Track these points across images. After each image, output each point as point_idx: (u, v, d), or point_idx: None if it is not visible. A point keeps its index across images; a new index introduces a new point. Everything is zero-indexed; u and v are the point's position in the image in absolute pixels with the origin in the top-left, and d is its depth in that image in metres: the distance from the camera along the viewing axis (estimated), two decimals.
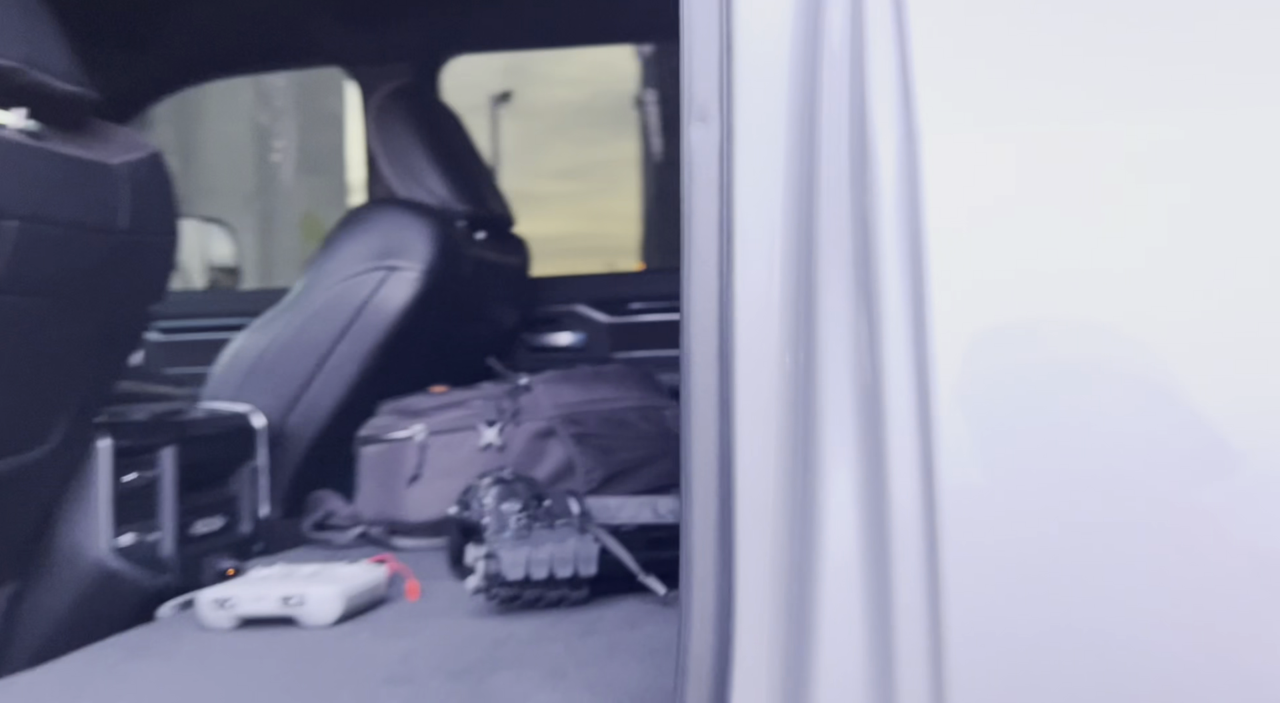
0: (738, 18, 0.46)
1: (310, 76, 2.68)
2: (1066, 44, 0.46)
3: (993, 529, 0.44)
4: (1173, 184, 0.46)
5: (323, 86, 4.45)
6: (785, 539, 0.45)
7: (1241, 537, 0.44)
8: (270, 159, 5.19)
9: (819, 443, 0.44)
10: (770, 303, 0.45)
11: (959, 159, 0.46)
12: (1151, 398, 0.45)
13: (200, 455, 1.43)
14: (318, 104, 4.54)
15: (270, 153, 5.17)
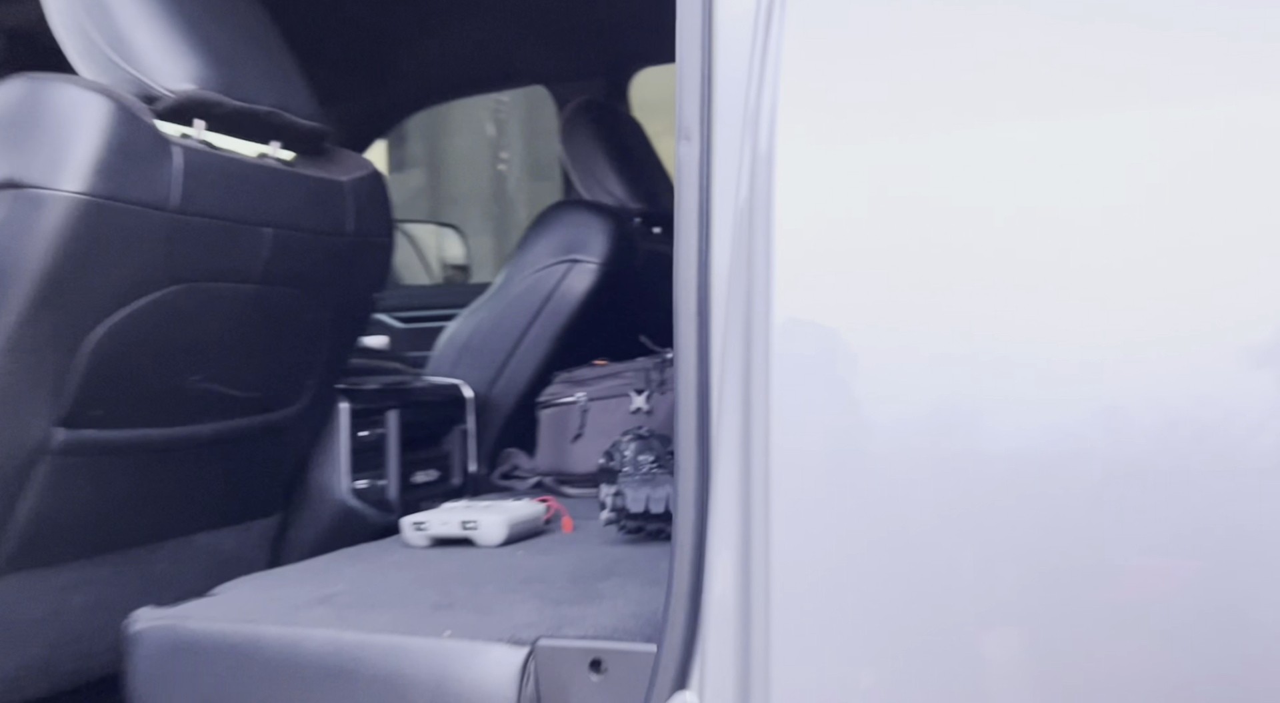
0: (716, 60, 0.62)
1: (531, 93, 2.98)
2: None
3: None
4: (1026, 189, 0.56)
5: (544, 101, 4.82)
6: (739, 493, 0.60)
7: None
8: (497, 168, 5.69)
9: (738, 399, 0.59)
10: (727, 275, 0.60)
11: (804, 172, 0.59)
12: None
13: (419, 419, 1.73)
14: (539, 117, 4.94)
15: (497, 163, 5.68)
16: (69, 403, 1.11)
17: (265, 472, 1.49)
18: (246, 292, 1.24)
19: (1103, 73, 0.56)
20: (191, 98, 1.13)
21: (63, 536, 1.20)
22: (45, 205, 1.01)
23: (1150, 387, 0.54)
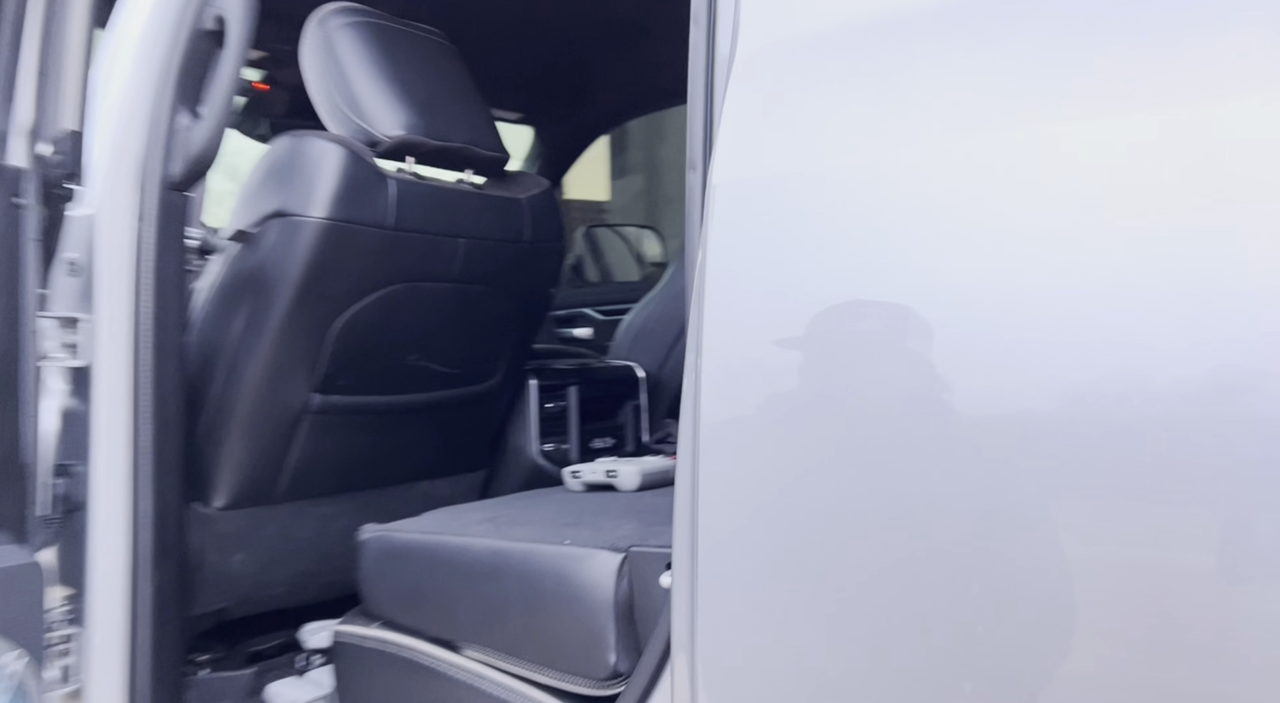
0: (715, 102, 0.83)
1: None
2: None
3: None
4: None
5: None
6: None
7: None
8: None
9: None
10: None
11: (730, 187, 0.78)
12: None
13: (597, 395, 2.03)
14: None
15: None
16: (320, 375, 1.49)
17: (471, 434, 1.84)
18: (447, 289, 1.58)
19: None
20: (403, 141, 1.47)
21: (320, 477, 1.59)
22: (301, 228, 1.38)
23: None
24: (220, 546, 1.51)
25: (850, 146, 0.74)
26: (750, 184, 0.79)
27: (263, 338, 1.42)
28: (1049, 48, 0.68)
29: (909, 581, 0.68)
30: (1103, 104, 0.64)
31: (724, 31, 0.83)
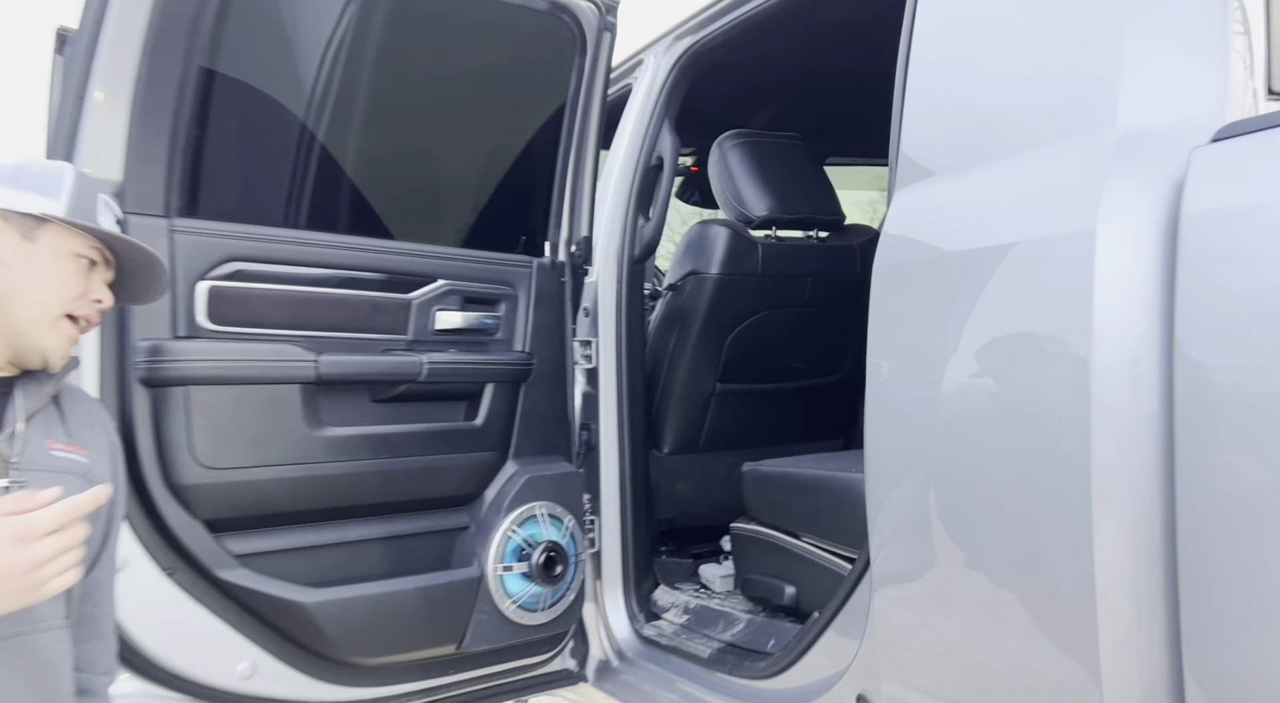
0: None
1: None
2: None
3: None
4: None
5: None
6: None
7: None
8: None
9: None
10: None
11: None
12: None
13: None
14: None
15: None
16: (721, 370, 2.36)
17: (828, 412, 2.60)
18: (799, 312, 2.37)
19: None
20: (767, 217, 2.28)
21: (725, 436, 2.46)
22: (705, 281, 2.26)
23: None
24: (668, 477, 2.44)
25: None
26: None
27: (686, 348, 2.33)
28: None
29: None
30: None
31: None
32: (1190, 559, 0.99)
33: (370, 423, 1.83)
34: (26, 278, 1.16)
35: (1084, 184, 1.11)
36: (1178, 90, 1.10)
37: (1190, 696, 0.98)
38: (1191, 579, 0.98)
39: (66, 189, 1.19)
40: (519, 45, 2.10)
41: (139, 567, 1.57)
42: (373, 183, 1.97)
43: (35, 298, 1.17)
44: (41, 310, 1.17)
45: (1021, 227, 1.19)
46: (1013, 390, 1.18)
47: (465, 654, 1.91)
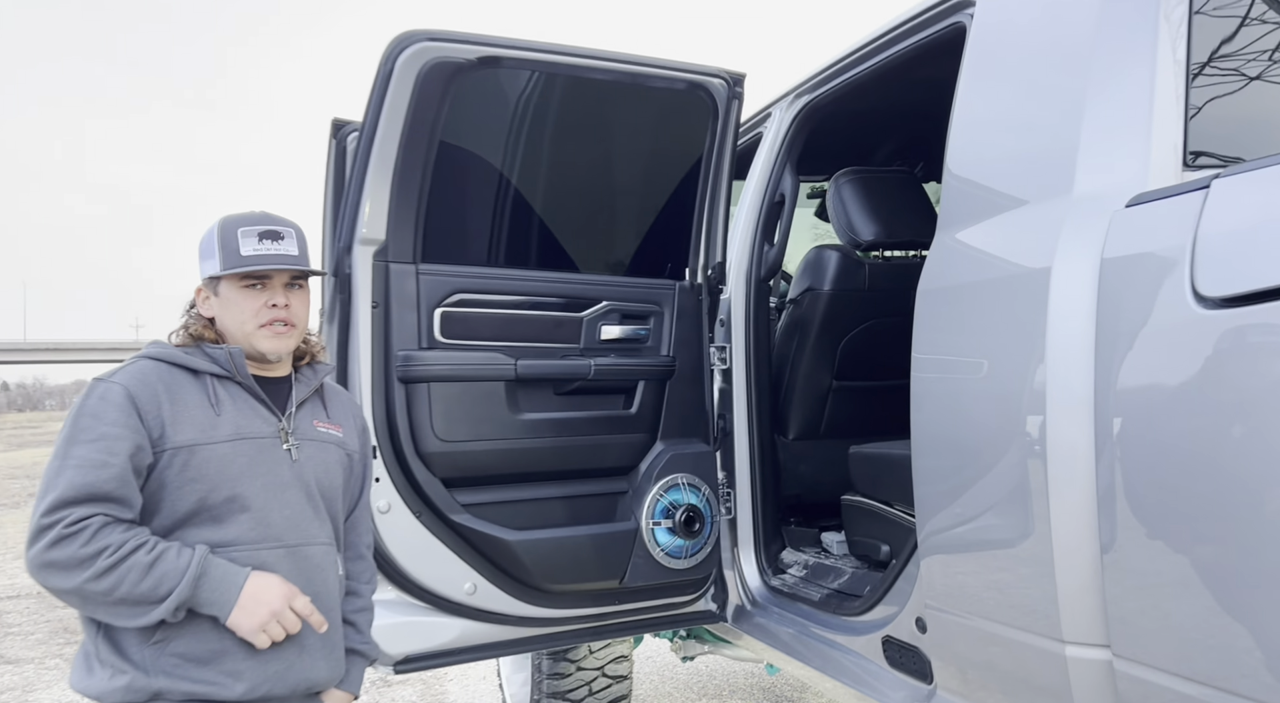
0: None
1: None
2: None
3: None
4: None
5: None
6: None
7: None
8: None
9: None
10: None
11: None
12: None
13: None
14: None
15: None
16: (836, 369, 2.83)
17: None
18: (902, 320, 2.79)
19: None
20: (873, 241, 2.73)
21: (842, 425, 2.92)
22: (820, 296, 2.74)
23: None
24: (792, 459, 2.94)
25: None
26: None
27: (805, 352, 2.82)
28: None
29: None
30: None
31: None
32: (1104, 480, 1.40)
33: (554, 410, 2.45)
34: (228, 316, 1.68)
35: (1049, 235, 1.55)
36: (1114, 165, 1.52)
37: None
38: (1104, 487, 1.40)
39: (217, 248, 1.66)
40: (666, 113, 2.66)
41: (398, 511, 2.25)
42: (555, 228, 2.59)
43: (236, 326, 1.67)
44: (243, 329, 1.67)
45: (1008, 264, 1.64)
46: (999, 379, 1.62)
47: (626, 589, 2.49)
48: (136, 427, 1.55)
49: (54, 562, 1.48)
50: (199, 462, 1.59)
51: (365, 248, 2.23)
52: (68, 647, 5.65)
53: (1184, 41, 1.51)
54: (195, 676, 1.55)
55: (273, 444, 1.67)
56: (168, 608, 1.50)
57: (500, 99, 2.46)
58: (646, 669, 4.79)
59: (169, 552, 1.52)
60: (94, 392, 1.58)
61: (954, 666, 1.82)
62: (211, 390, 1.64)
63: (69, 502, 1.49)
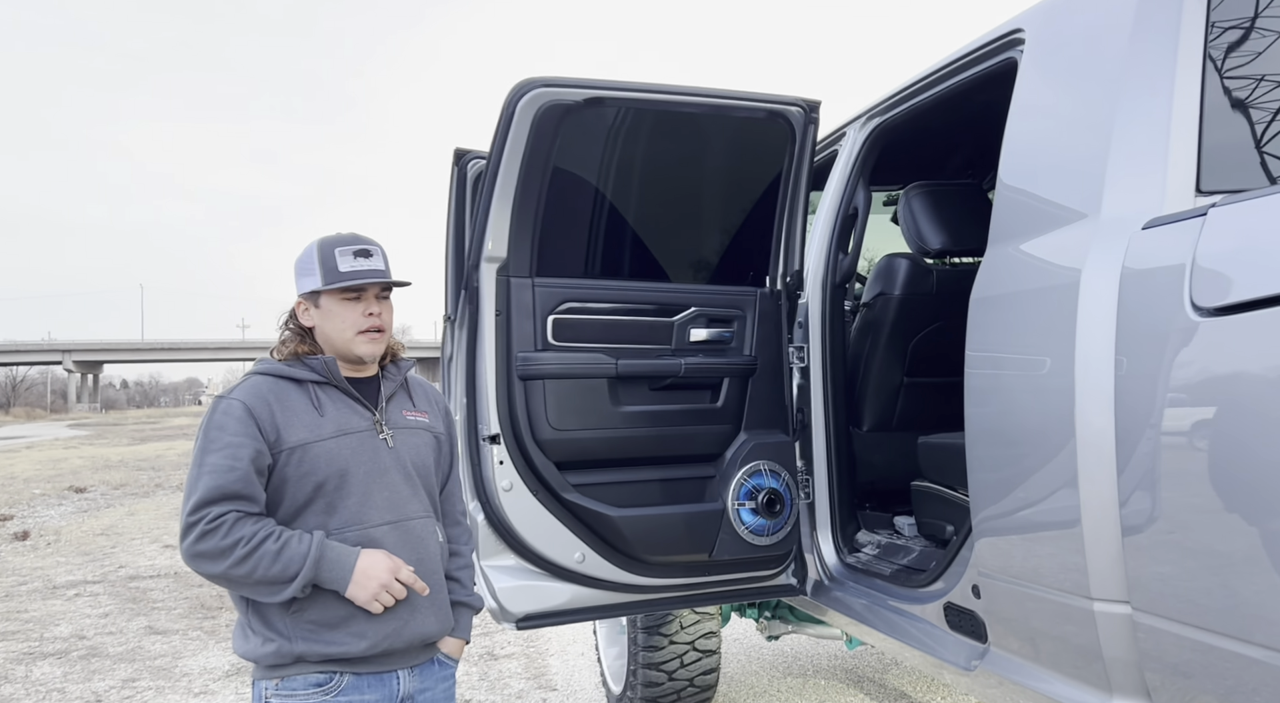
0: None
1: None
2: None
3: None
4: None
5: None
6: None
7: None
8: None
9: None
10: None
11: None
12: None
13: None
14: None
15: None
16: (907, 366, 3.09)
17: None
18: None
19: None
20: (940, 249, 2.98)
21: (913, 418, 3.17)
22: (891, 300, 3.01)
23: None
24: (866, 450, 3.21)
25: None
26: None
27: (878, 351, 3.08)
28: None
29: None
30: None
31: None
32: (1123, 462, 1.66)
33: (650, 403, 2.78)
34: (329, 325, 1.94)
35: (1079, 252, 1.80)
36: (1136, 192, 1.77)
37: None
38: (1123, 468, 1.65)
39: (317, 266, 1.91)
40: (749, 138, 2.96)
41: (519, 490, 2.61)
42: (649, 243, 2.92)
43: (336, 334, 1.94)
44: (342, 337, 1.94)
45: (1046, 277, 1.89)
46: (1037, 377, 1.88)
47: (714, 562, 2.81)
48: (255, 434, 1.83)
49: (201, 553, 1.78)
50: (311, 457, 1.87)
51: (490, 265, 2.60)
52: (206, 620, 6.24)
53: (1198, 84, 1.74)
54: (327, 638, 1.84)
55: (370, 435, 1.94)
56: (296, 587, 1.79)
57: (602, 132, 2.80)
58: (735, 650, 5.10)
59: (292, 540, 1.80)
60: (218, 408, 1.87)
61: (1004, 625, 2.08)
62: (314, 396, 1.92)
63: (207, 502, 1.78)
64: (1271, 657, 1.38)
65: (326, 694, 1.85)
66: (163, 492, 14.16)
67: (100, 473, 17.30)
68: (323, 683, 1.85)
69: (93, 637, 5.86)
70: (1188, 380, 1.53)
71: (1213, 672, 1.50)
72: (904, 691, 4.35)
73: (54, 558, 8.79)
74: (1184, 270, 1.54)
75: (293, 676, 1.85)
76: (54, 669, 5.15)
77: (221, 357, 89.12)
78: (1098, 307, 1.72)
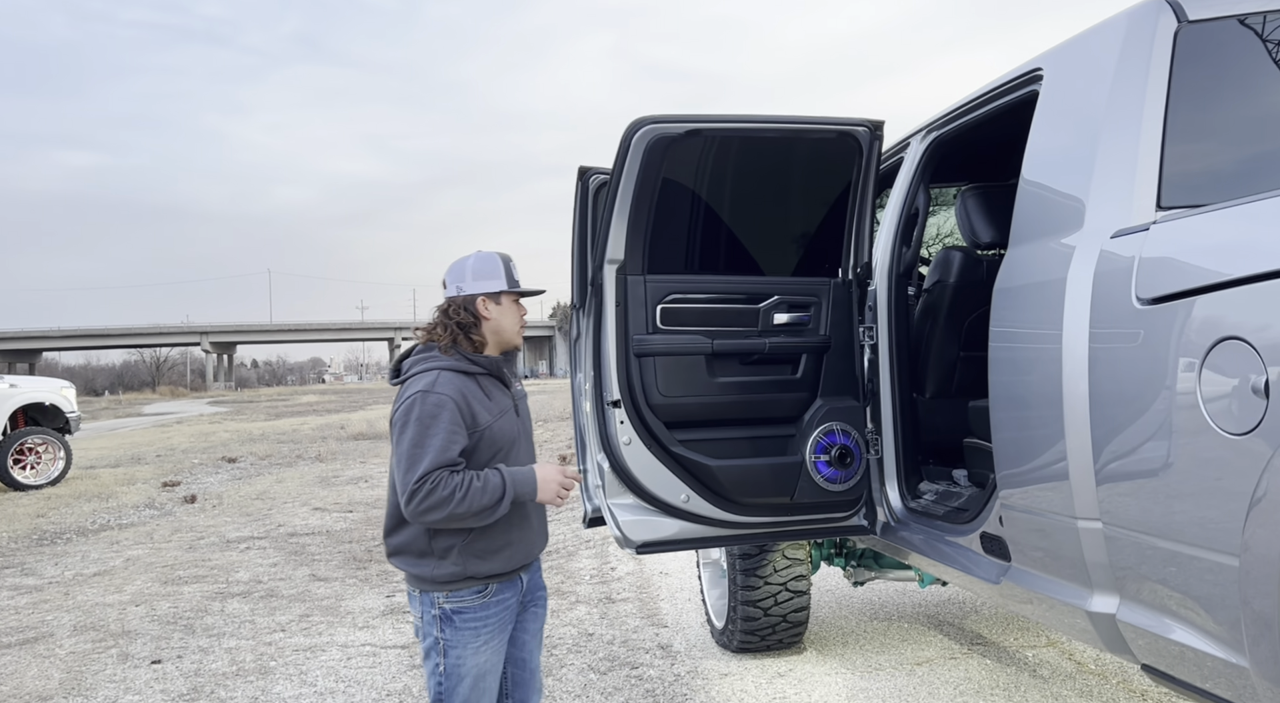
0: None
1: None
2: None
3: None
4: None
5: None
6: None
7: None
8: None
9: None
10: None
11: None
12: None
13: None
14: None
15: None
16: (962, 342, 3.62)
17: None
18: None
19: None
20: (990, 243, 3.49)
21: (966, 387, 3.69)
22: (948, 287, 3.53)
23: None
24: (928, 413, 3.75)
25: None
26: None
27: (938, 329, 3.62)
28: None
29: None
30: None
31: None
32: (1095, 412, 2.20)
33: (740, 375, 3.40)
34: (503, 320, 2.49)
35: (1066, 255, 2.34)
36: (1109, 206, 2.29)
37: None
38: (1100, 417, 2.19)
39: (501, 272, 2.47)
40: (822, 153, 3.52)
41: (636, 444, 3.28)
42: (738, 243, 3.53)
43: (507, 327, 2.51)
44: (511, 330, 2.52)
45: (1043, 273, 2.43)
46: (1036, 350, 2.42)
47: (795, 503, 3.42)
48: (460, 423, 2.33)
49: (428, 508, 2.26)
50: (492, 435, 2.42)
51: (611, 266, 3.27)
52: (359, 571, 7.17)
53: (1160, 123, 2.25)
54: (488, 562, 2.42)
55: (512, 411, 2.52)
56: (505, 505, 2.34)
57: (700, 154, 3.41)
58: (825, 600, 5.68)
59: (488, 473, 2.34)
60: (428, 400, 2.32)
61: (1020, 545, 2.64)
62: (483, 386, 2.45)
63: (428, 472, 2.26)
64: (1199, 552, 1.91)
65: (485, 597, 2.48)
66: (304, 462, 15.50)
67: (246, 445, 18.93)
68: (481, 590, 2.48)
69: (267, 582, 6.85)
70: (1133, 355, 2.06)
71: (1158, 564, 2.04)
72: (980, 633, 4.85)
73: (221, 518, 9.99)
74: (1132, 270, 2.07)
75: (461, 589, 2.47)
76: (242, 606, 6.13)
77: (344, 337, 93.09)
78: (1078, 298, 2.26)
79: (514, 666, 2.61)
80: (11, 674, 4.80)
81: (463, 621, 2.44)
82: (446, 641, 2.44)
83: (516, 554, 2.50)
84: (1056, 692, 3.92)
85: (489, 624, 2.46)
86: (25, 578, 7.27)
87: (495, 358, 2.50)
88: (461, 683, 2.44)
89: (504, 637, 2.52)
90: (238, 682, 4.54)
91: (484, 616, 2.46)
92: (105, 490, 12.33)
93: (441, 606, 2.44)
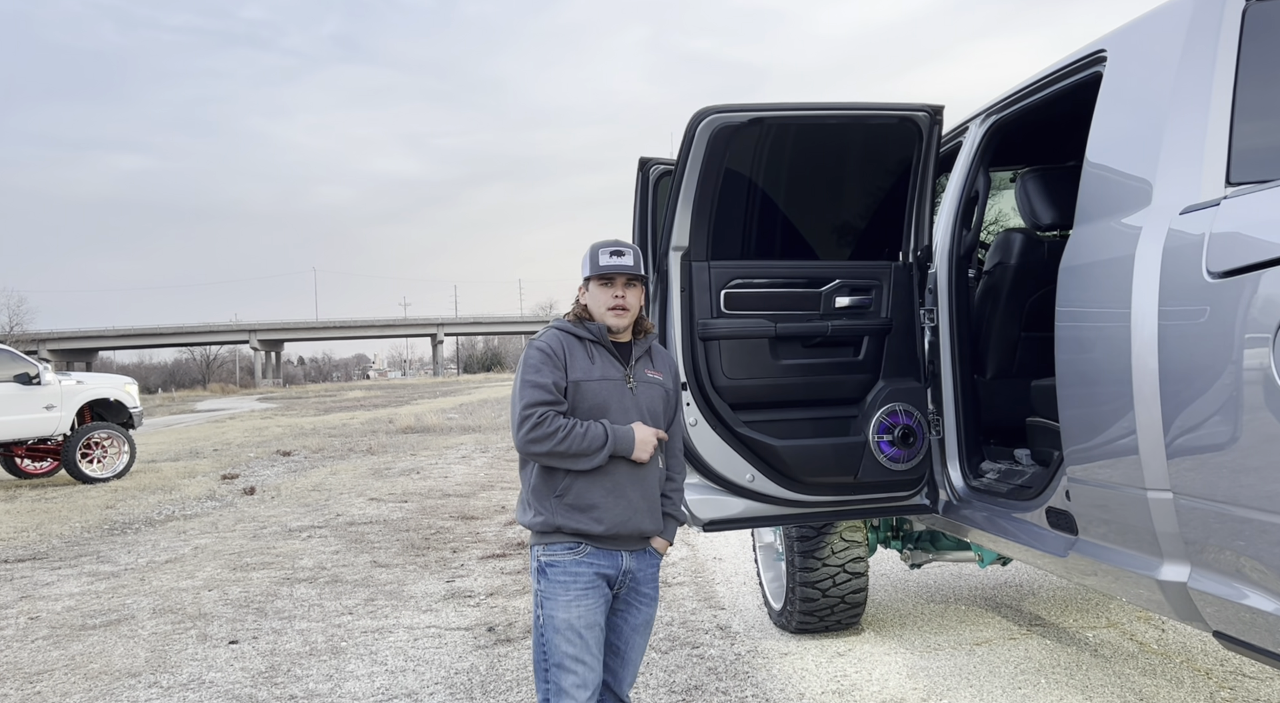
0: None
1: None
2: None
3: None
4: None
5: None
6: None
7: None
8: None
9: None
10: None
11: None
12: None
13: None
14: None
15: None
16: (1023, 323, 3.65)
17: None
18: None
19: None
20: (1050, 224, 3.52)
21: (1027, 368, 3.73)
22: (1008, 269, 3.57)
23: None
24: (989, 393, 3.79)
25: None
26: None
27: (998, 310, 3.66)
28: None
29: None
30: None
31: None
32: (1166, 386, 2.24)
33: (803, 358, 3.48)
34: (592, 302, 2.61)
35: (1134, 233, 2.38)
36: (1178, 183, 2.32)
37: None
38: (1165, 391, 2.24)
39: (588, 260, 2.59)
40: (883, 138, 3.58)
41: (703, 425, 3.37)
42: (800, 228, 3.60)
43: (595, 307, 2.61)
44: (598, 311, 2.61)
45: (1112, 250, 2.47)
46: (1104, 328, 2.46)
47: (859, 483, 3.49)
48: (556, 366, 2.55)
49: (535, 439, 2.48)
50: (583, 391, 2.56)
51: (676, 253, 3.36)
52: (418, 557, 7.34)
53: (1229, 100, 2.28)
54: (577, 518, 2.54)
55: (622, 384, 2.63)
56: (603, 455, 2.50)
57: (762, 142, 3.48)
58: (882, 583, 5.73)
59: (591, 424, 2.52)
60: (533, 345, 2.60)
61: (1088, 518, 2.69)
62: (589, 349, 2.62)
63: (532, 405, 2.49)
64: (1272, 517, 1.95)
65: (576, 555, 2.61)
66: (355, 455, 15.81)
67: (298, 439, 19.33)
68: (573, 547, 2.61)
69: (331, 568, 7.05)
70: (1203, 329, 2.11)
71: (1230, 532, 2.09)
72: (1039, 615, 4.87)
73: (280, 508, 10.26)
74: (1202, 245, 2.12)
75: (554, 543, 2.62)
76: (309, 591, 6.32)
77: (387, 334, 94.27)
78: (1147, 274, 2.30)
79: (609, 653, 2.73)
80: (100, 653, 5.02)
81: (554, 574, 2.59)
82: (542, 592, 2.60)
83: (605, 517, 2.59)
84: (1119, 670, 3.95)
85: (579, 581, 2.59)
86: (102, 565, 7.55)
87: (599, 327, 2.65)
88: (557, 634, 2.58)
89: (597, 601, 2.62)
90: (312, 661, 4.71)
91: (575, 572, 2.59)
92: (168, 483, 12.71)
93: (540, 559, 2.62)
